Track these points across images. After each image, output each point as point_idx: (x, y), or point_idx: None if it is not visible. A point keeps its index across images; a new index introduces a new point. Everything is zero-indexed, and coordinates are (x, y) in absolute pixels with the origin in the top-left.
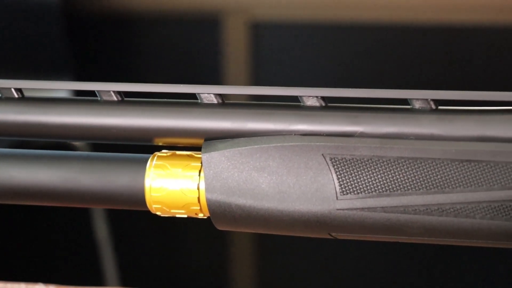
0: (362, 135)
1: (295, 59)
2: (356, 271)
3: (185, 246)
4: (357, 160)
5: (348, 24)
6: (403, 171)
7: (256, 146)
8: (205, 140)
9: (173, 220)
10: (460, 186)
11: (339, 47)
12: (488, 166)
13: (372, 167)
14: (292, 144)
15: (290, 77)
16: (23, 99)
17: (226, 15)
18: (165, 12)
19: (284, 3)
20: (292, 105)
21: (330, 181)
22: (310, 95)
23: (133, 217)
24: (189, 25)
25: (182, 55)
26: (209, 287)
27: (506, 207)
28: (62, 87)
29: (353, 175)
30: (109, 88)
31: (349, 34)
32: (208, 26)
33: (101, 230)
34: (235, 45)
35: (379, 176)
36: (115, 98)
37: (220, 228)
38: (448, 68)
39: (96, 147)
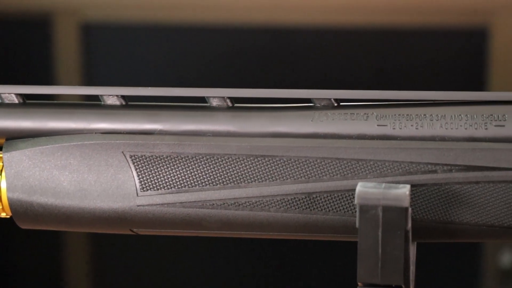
0: (161, 132)
1: (127, 59)
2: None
3: (17, 248)
4: (157, 157)
5: (175, 25)
6: (200, 167)
7: (57, 145)
8: (7, 139)
9: (2, 221)
10: (255, 180)
11: (167, 47)
12: (281, 161)
13: (171, 164)
14: (92, 142)
15: (121, 77)
16: None
17: (57, 16)
18: None
19: (114, 4)
20: (92, 104)
21: (130, 178)
22: (110, 94)
23: None
24: (20, 26)
25: (12, 56)
26: (42, 286)
27: (299, 200)
28: None
29: (152, 171)
30: None
31: (176, 35)
32: (39, 27)
33: None
34: (67, 46)
35: (177, 172)
36: None
37: (23, 227)
38: (245, 67)
39: None
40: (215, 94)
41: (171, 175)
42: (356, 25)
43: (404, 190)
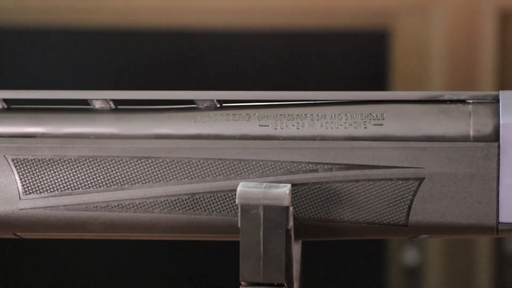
0: (43, 135)
1: (21, 62)
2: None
3: None
4: (39, 161)
5: (70, 28)
6: (83, 169)
7: None
8: None
9: None
10: (138, 182)
11: (60, 50)
12: (165, 162)
13: (54, 167)
14: None
15: (13, 80)
16: None
17: None
18: None
19: (7, 7)
20: None
21: (12, 182)
22: None
23: None
24: None
25: None
26: None
27: (182, 200)
28: None
29: (35, 175)
30: None
31: (68, 38)
32: None
33: None
34: None
35: (60, 175)
36: None
37: None
38: (128, 69)
39: None
40: (98, 97)
41: (54, 178)
42: (259, 27)
43: (284, 189)
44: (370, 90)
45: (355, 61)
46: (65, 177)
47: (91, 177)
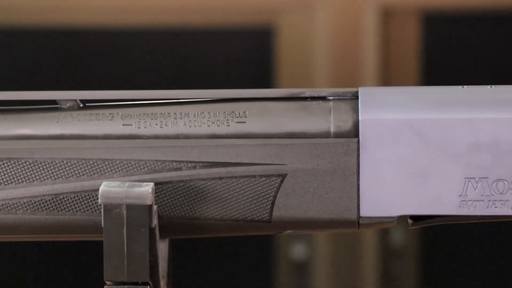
0: None
1: None
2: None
3: None
4: None
5: None
6: None
7: None
8: None
9: None
10: (0, 183)
11: None
12: (27, 163)
13: None
14: None
15: None
16: None
17: None
18: None
19: None
20: None
21: None
22: None
23: None
24: None
25: None
26: None
27: (46, 201)
28: None
29: None
30: None
31: None
32: None
33: None
34: None
35: None
36: None
37: None
38: None
39: None
40: None
41: None
42: (143, 25)
43: (147, 188)
44: (255, 87)
45: (240, 59)
46: None
47: None
